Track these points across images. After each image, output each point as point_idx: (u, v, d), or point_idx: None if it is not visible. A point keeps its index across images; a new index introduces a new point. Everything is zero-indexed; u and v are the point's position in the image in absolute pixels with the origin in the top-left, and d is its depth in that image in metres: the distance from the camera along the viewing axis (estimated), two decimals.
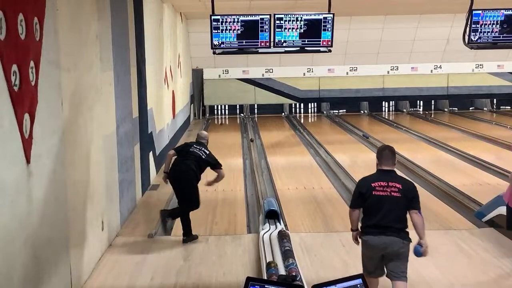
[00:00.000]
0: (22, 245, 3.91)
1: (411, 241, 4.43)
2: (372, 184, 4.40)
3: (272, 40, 7.33)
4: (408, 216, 4.47)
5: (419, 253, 4.51)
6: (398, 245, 4.35)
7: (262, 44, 7.34)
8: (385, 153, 4.53)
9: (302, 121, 19.29)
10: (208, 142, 7.03)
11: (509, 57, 19.68)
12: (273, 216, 6.91)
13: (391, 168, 4.49)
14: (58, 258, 4.66)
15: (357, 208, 4.52)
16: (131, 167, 7.91)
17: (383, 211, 4.34)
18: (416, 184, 9.38)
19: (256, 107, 20.62)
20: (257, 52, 7.51)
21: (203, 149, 6.78)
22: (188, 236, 6.60)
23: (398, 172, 4.68)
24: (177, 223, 7.31)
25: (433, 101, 21.01)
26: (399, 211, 4.40)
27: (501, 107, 20.86)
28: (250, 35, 7.30)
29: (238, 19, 7.26)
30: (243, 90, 20.17)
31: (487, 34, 7.41)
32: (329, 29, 7.35)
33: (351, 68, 20.06)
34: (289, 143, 14.62)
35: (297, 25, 7.32)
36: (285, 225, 6.89)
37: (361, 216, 4.55)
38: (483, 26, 7.38)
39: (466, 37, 7.46)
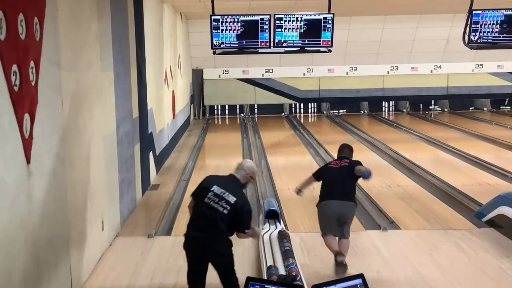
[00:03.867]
0: (22, 245, 3.91)
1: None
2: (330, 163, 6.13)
3: (272, 40, 7.34)
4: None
5: (366, 173, 5.63)
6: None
7: (262, 44, 7.35)
8: (342, 147, 6.27)
9: (302, 121, 19.29)
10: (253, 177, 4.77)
11: (509, 57, 19.68)
12: (273, 216, 6.90)
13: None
14: (58, 258, 4.66)
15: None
16: (131, 167, 7.91)
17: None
18: (416, 184, 9.40)
19: (256, 107, 20.61)
20: (257, 52, 7.52)
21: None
22: None
23: (399, 172, 4.71)
24: (178, 221, 7.31)
25: (433, 101, 21.03)
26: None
27: (501, 107, 20.86)
28: (250, 35, 7.31)
29: (238, 19, 7.26)
30: (243, 90, 20.17)
31: (487, 34, 7.42)
32: (329, 29, 7.35)
33: (351, 68, 20.06)
34: (289, 143, 14.62)
35: (297, 25, 7.33)
36: (285, 225, 6.89)
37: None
38: (483, 26, 7.39)
39: (466, 37, 7.47)
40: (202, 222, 4.36)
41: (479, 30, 7.39)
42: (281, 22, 7.31)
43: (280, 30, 7.31)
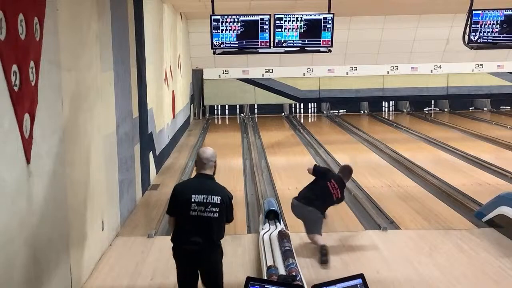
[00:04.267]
0: (22, 245, 3.91)
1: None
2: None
3: (272, 40, 7.33)
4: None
5: None
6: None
7: (262, 44, 7.34)
8: (342, 170, 6.70)
9: (302, 121, 19.29)
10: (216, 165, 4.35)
11: (509, 57, 19.67)
12: (273, 216, 6.90)
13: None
14: (58, 258, 4.66)
15: None
16: (131, 167, 7.91)
17: None
18: (416, 184, 9.39)
19: (256, 107, 20.60)
20: (257, 52, 7.51)
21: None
22: None
23: (399, 172, 4.72)
24: None
25: (433, 101, 21.04)
26: None
27: (501, 107, 20.86)
28: (250, 35, 7.30)
29: (238, 19, 7.26)
30: (243, 90, 20.17)
31: (487, 34, 7.41)
32: (329, 29, 7.35)
33: (351, 68, 20.06)
34: (289, 143, 14.61)
35: (297, 25, 7.32)
36: (285, 225, 6.88)
37: None
38: (483, 26, 7.39)
39: (466, 37, 7.47)
40: (194, 235, 4.08)
41: (479, 30, 7.39)
42: (281, 22, 7.30)
43: (280, 30, 7.31)
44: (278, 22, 7.30)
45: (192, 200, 4.09)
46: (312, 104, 20.92)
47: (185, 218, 4.12)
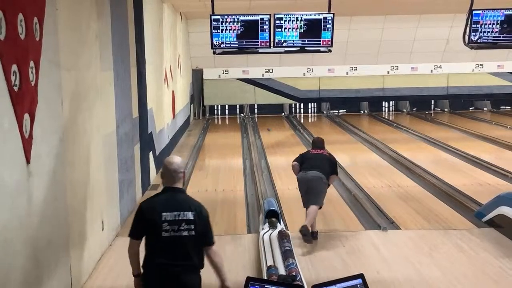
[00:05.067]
0: (21, 245, 3.91)
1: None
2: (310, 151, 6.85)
3: (272, 40, 7.33)
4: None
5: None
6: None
7: (262, 44, 7.34)
8: (316, 140, 7.01)
9: (302, 121, 19.29)
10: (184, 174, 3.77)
11: (509, 57, 19.67)
12: (273, 216, 6.90)
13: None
14: (57, 258, 4.66)
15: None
16: (131, 167, 7.91)
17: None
18: (416, 184, 9.40)
19: (256, 107, 20.61)
20: (257, 52, 7.51)
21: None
22: None
23: (399, 172, 4.72)
24: None
25: (432, 101, 21.04)
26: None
27: (501, 107, 20.86)
28: (250, 35, 7.30)
29: (238, 19, 7.26)
30: (243, 90, 20.17)
31: (487, 34, 7.41)
32: (329, 29, 7.35)
33: (351, 68, 20.06)
34: (289, 143, 14.61)
35: (297, 25, 7.32)
36: (285, 225, 6.88)
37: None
38: (483, 26, 7.39)
39: (466, 37, 7.47)
40: (169, 258, 3.54)
41: (479, 30, 7.39)
42: (281, 22, 7.30)
43: (280, 30, 7.31)
44: (278, 22, 7.30)
45: (163, 219, 3.53)
46: (312, 104, 20.93)
47: (156, 241, 3.57)
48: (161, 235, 3.54)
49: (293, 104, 20.78)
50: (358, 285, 2.42)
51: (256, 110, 20.62)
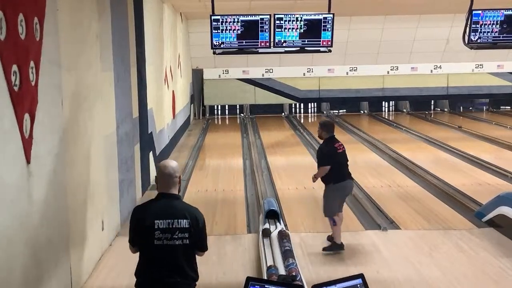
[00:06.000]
0: (22, 245, 3.91)
1: None
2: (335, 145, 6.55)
3: (272, 40, 7.33)
4: None
5: None
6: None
7: (262, 44, 7.34)
8: (331, 123, 6.73)
9: (302, 121, 19.30)
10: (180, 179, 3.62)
11: (509, 57, 19.66)
12: (273, 216, 6.90)
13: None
14: (58, 258, 4.66)
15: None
16: (131, 167, 7.91)
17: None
18: (416, 184, 9.39)
19: (256, 107, 20.61)
20: (257, 52, 7.51)
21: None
22: None
23: (399, 172, 4.73)
24: None
25: (432, 101, 21.03)
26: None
27: (501, 107, 20.86)
28: (250, 35, 7.30)
29: (238, 19, 7.26)
30: (243, 90, 20.15)
31: (487, 34, 7.41)
32: (329, 29, 7.35)
33: (351, 68, 20.05)
34: (289, 143, 14.61)
35: (297, 25, 7.32)
36: (285, 225, 6.89)
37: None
38: (483, 26, 7.38)
39: (466, 37, 7.46)
40: (161, 268, 3.43)
41: (479, 30, 7.39)
42: (281, 22, 7.30)
43: (280, 30, 7.31)
44: (278, 22, 7.30)
45: (156, 226, 3.38)
46: (312, 104, 20.93)
47: (148, 249, 3.45)
48: (153, 243, 3.40)
49: (293, 104, 20.78)
50: (358, 285, 2.42)
51: (256, 110, 20.57)
